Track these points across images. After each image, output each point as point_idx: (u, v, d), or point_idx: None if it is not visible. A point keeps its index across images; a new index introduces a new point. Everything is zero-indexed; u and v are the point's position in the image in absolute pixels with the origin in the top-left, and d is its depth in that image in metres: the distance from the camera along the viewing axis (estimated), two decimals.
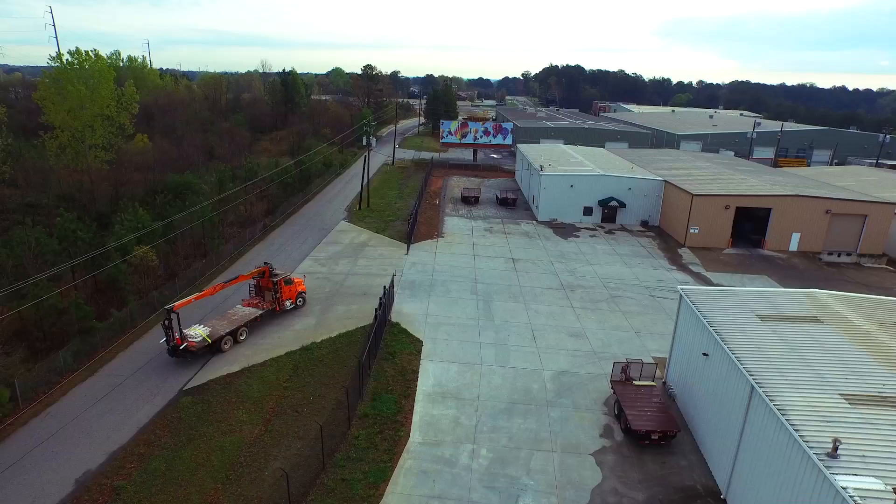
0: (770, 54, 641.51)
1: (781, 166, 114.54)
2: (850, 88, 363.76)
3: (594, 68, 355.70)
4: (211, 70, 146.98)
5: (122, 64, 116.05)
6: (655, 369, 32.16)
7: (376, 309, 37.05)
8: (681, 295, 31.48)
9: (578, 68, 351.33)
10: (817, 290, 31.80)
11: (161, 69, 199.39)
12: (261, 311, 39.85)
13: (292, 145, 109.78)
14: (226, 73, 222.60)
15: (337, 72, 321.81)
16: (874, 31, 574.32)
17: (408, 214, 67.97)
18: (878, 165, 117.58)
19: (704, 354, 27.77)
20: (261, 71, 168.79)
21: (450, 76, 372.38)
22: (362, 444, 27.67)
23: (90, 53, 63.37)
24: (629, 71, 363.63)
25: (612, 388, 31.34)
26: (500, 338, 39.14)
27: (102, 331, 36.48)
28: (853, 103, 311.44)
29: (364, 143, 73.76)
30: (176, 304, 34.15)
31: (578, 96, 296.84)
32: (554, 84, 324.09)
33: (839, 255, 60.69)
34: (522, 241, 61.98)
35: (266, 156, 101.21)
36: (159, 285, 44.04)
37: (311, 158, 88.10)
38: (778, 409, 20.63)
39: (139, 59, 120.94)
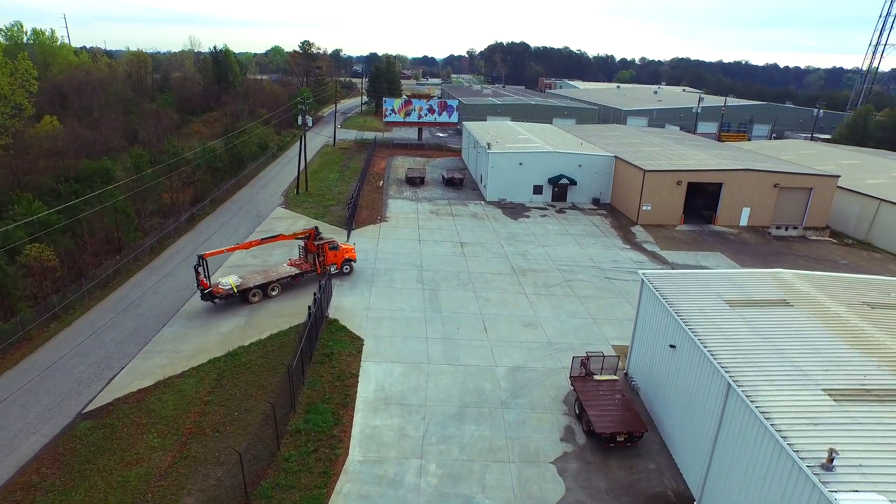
0: (708, 32, 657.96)
1: (724, 141, 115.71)
2: (782, 66, 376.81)
3: (539, 45, 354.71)
4: (142, 49, 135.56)
5: (25, 38, 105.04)
6: (618, 361, 29.75)
7: (309, 306, 33.13)
8: (642, 279, 29.04)
9: (523, 45, 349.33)
10: (782, 269, 30.01)
11: (84, 47, 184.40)
12: (298, 272, 41.12)
13: (226, 127, 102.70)
14: (158, 52, 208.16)
15: (276, 50, 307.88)
16: (798, 12, 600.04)
17: (348, 198, 63.62)
18: (812, 139, 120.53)
19: (671, 346, 25.41)
20: (192, 49, 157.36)
21: (394, 55, 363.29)
22: (293, 468, 24.03)
23: None
24: (574, 48, 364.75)
25: (571, 384, 28.76)
26: (449, 331, 35.99)
27: None
28: (785, 80, 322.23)
29: (299, 122, 68.44)
30: (206, 252, 37.46)
31: (524, 73, 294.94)
32: (499, 61, 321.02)
33: (786, 229, 60.47)
34: (470, 223, 58.87)
35: (198, 138, 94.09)
36: (60, 288, 38.60)
37: (244, 140, 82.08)
38: (761, 412, 18.26)
39: (47, 34, 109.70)
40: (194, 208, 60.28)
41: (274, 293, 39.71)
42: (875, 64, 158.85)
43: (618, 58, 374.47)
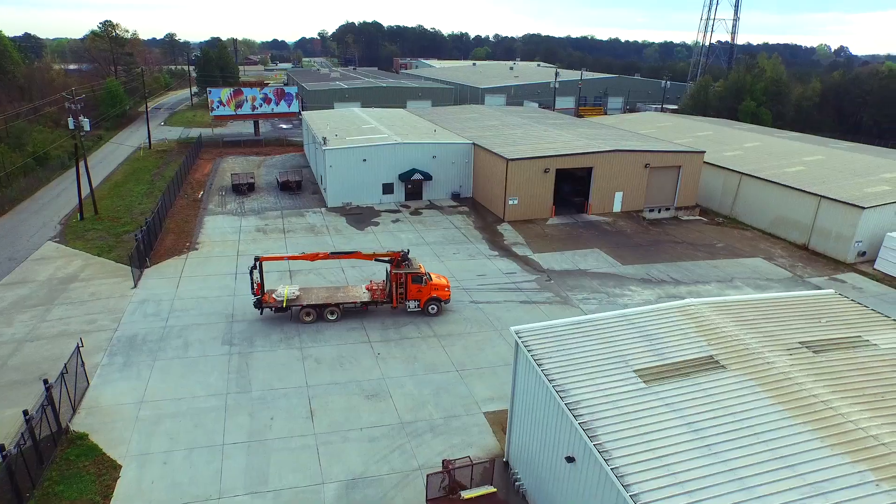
0: (556, 10, 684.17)
1: (583, 115, 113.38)
2: (623, 41, 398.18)
3: (393, 24, 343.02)
4: None
5: None
6: (494, 466, 20.59)
7: (2, 451, 20.28)
8: (517, 343, 20.02)
9: (376, 25, 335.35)
10: (690, 300, 22.51)
11: None
12: (367, 300, 34.11)
13: None
14: None
15: (94, 34, 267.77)
16: None
17: (145, 220, 49.09)
18: (662, 110, 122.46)
19: (569, 459, 16.61)
20: None
21: (240, 39, 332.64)
22: None
23: None
24: (427, 26, 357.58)
25: None
26: (258, 426, 24.94)
27: None
28: (627, 53, 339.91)
29: (72, 126, 52.10)
30: (264, 256, 33.86)
31: (378, 54, 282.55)
32: (352, 42, 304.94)
33: (659, 211, 56.08)
34: (306, 239, 47.41)
35: None
36: None
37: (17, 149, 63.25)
38: None
39: None
40: None
41: (332, 317, 33.53)
42: (706, 40, 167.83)
43: (472, 35, 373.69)
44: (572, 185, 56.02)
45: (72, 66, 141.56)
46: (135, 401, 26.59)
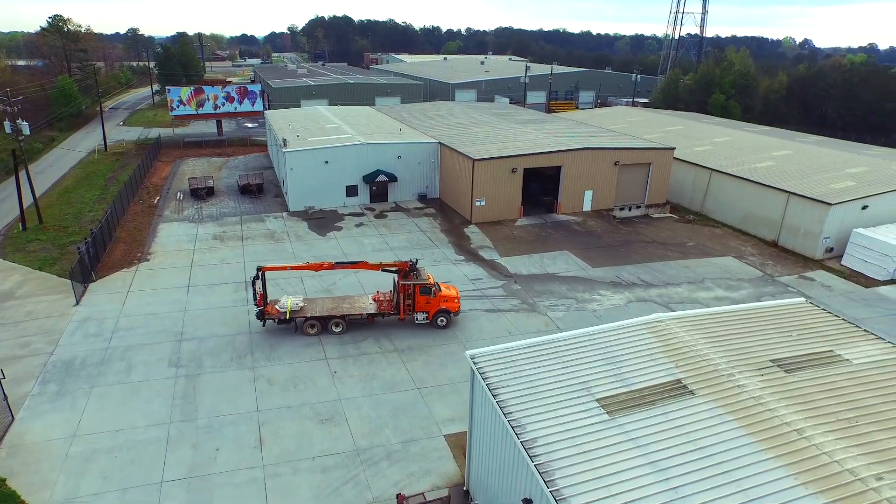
0: (528, 2, 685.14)
1: (554, 110, 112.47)
2: (594, 33, 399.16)
3: (363, 18, 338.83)
4: None
5: None
6: (451, 499, 19.14)
7: None
8: (472, 369, 18.55)
9: (346, 19, 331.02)
10: (659, 315, 21.32)
11: None
12: (374, 312, 32.66)
13: None
14: None
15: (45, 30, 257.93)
16: None
17: (92, 230, 46.39)
18: (633, 104, 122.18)
19: (526, 502, 15.21)
20: None
21: (208, 34, 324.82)
22: None
23: None
24: (399, 20, 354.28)
25: None
26: (202, 459, 23.10)
27: None
28: (598, 46, 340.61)
29: (9, 130, 49.09)
30: (266, 266, 32.15)
31: (349, 49, 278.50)
32: (322, 37, 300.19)
33: (630, 209, 55.22)
34: (265, 247, 45.32)
35: None
36: None
37: None
38: None
39: None
40: None
41: (337, 329, 32.22)
42: (676, 33, 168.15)
43: (444, 29, 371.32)
44: (541, 184, 54.79)
45: (21, 63, 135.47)
46: (66, 435, 24.48)
